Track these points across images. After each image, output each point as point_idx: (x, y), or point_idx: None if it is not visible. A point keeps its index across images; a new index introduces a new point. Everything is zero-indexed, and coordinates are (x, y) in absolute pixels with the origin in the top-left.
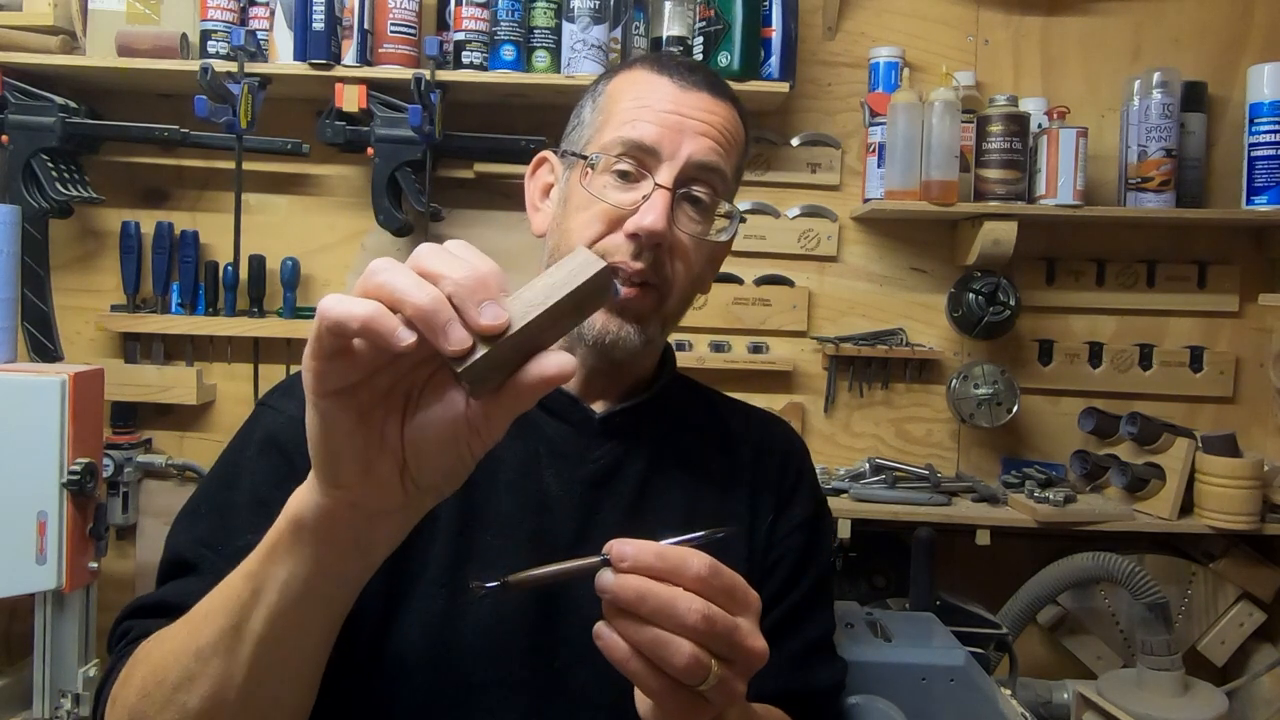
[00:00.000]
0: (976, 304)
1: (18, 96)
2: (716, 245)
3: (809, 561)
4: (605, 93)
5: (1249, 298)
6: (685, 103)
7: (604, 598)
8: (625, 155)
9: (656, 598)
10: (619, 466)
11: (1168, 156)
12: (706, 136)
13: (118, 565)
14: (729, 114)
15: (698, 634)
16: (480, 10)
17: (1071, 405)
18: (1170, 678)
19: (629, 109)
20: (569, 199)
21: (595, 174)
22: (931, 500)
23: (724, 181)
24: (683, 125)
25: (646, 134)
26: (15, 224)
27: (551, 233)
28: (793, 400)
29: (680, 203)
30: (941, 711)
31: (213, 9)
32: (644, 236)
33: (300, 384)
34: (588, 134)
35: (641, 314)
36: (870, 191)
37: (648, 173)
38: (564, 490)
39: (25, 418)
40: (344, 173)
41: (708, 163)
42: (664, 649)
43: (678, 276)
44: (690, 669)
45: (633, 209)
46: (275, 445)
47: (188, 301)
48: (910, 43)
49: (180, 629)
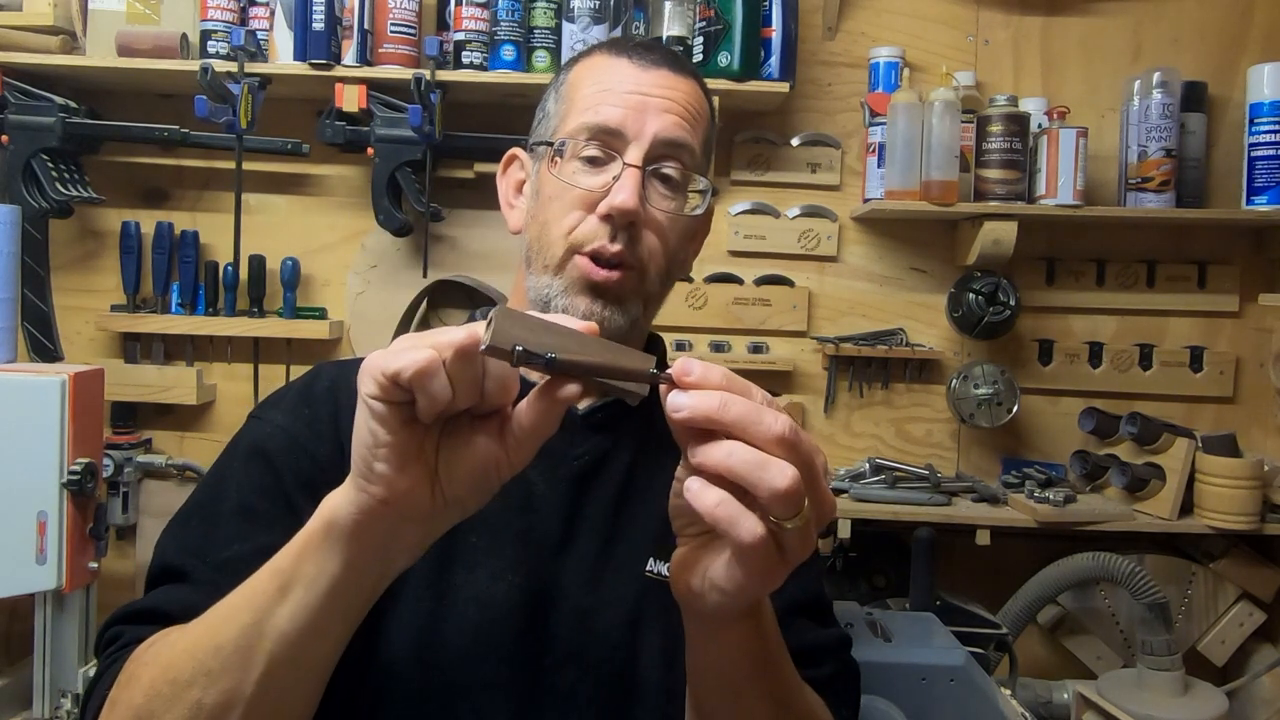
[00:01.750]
0: (976, 304)
1: (18, 96)
2: (693, 221)
3: None
4: (566, 82)
5: (1249, 298)
6: (646, 81)
7: (677, 416)
8: (592, 139)
9: (741, 404)
10: (604, 462)
11: (1168, 156)
12: (670, 113)
13: (118, 565)
14: (690, 88)
15: (786, 448)
16: (480, 10)
17: (1071, 405)
18: (1170, 678)
19: (591, 94)
20: (541, 190)
21: (564, 161)
22: (931, 500)
23: (692, 156)
24: (645, 104)
25: (611, 116)
26: (15, 224)
27: (528, 227)
28: (793, 400)
29: (651, 180)
30: (941, 711)
31: (213, 9)
32: (617, 216)
33: (288, 396)
34: (553, 124)
35: (622, 295)
36: (870, 191)
37: (616, 154)
38: (549, 488)
39: (25, 418)
40: (344, 173)
41: (674, 138)
42: (764, 469)
43: (655, 254)
44: (792, 492)
45: (604, 191)
46: (261, 454)
47: (188, 301)
48: (910, 43)
49: (195, 628)
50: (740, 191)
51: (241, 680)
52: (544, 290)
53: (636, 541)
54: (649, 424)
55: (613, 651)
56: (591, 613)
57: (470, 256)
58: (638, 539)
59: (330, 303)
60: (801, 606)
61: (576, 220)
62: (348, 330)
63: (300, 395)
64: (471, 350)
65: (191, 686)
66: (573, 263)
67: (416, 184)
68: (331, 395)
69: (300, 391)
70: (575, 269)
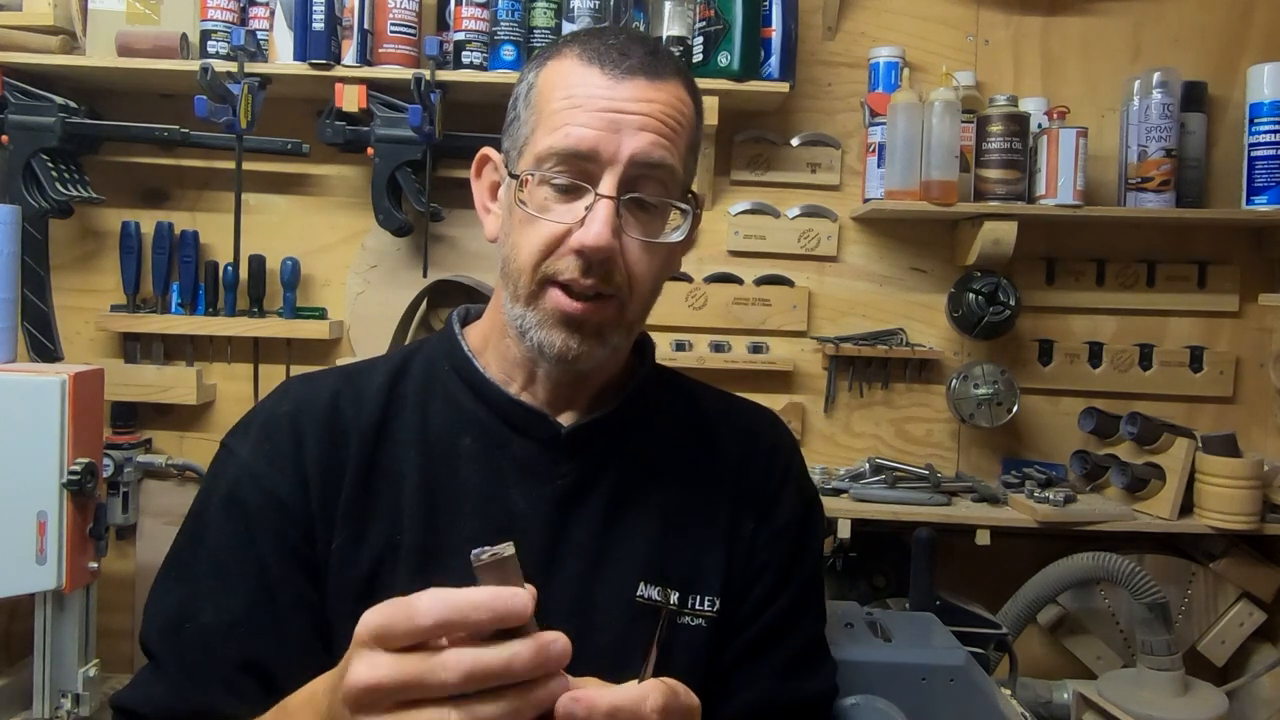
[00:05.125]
0: (976, 304)
1: (18, 96)
2: (674, 243)
3: (795, 567)
4: (536, 86)
5: (1249, 298)
6: (620, 95)
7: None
8: (560, 166)
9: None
10: (589, 483)
11: (1168, 156)
12: (647, 130)
13: (118, 565)
14: (670, 97)
15: None
16: (480, 10)
17: (1071, 405)
18: (1170, 678)
19: (560, 109)
20: (511, 212)
21: (533, 186)
22: (931, 500)
23: (672, 175)
24: (619, 123)
25: (582, 139)
26: (15, 224)
27: (502, 242)
28: (793, 400)
29: (627, 207)
30: (941, 711)
31: (213, 9)
32: (588, 253)
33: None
34: (524, 133)
35: (601, 327)
36: (870, 191)
37: (587, 184)
38: (532, 509)
39: (25, 418)
40: (344, 173)
41: (652, 159)
42: None
43: (635, 282)
44: None
45: (577, 223)
46: (236, 503)
47: (188, 301)
48: (910, 43)
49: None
50: (740, 191)
51: None
52: (518, 320)
53: (625, 564)
54: (639, 440)
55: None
56: (577, 639)
57: (470, 256)
58: (626, 562)
59: (330, 303)
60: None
61: (546, 251)
62: (347, 330)
63: (262, 426)
64: None
65: None
66: (546, 295)
67: (416, 184)
68: (293, 423)
69: (264, 421)
70: (549, 301)
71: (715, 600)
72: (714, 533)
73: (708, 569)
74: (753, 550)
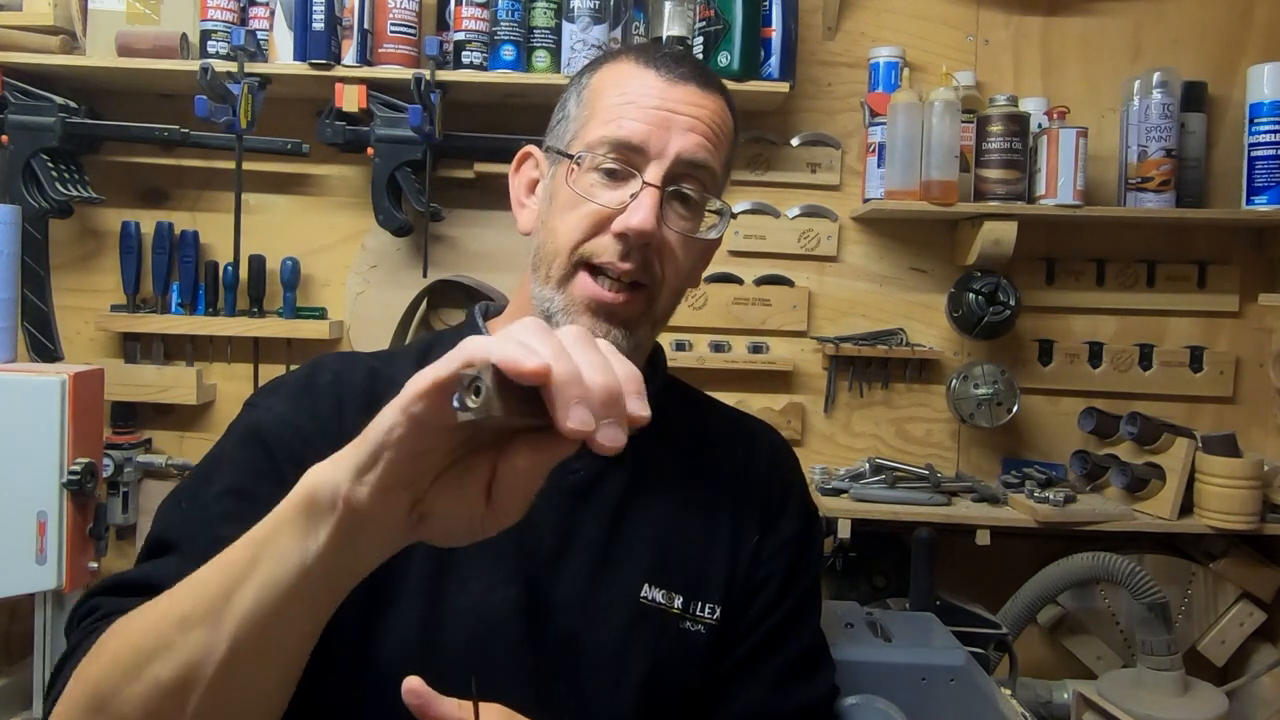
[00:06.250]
0: (976, 304)
1: (18, 96)
2: (707, 242)
3: (795, 579)
4: (590, 86)
5: (1249, 298)
6: (672, 96)
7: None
8: (612, 154)
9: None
10: (600, 479)
11: (1168, 156)
12: (695, 132)
13: (118, 565)
14: (717, 106)
15: None
16: (480, 10)
17: (1071, 405)
18: (1170, 678)
19: (614, 105)
20: (555, 197)
21: (581, 172)
22: (931, 500)
23: (713, 177)
24: (670, 121)
25: (634, 132)
26: (15, 224)
27: (537, 231)
28: (793, 400)
29: (669, 200)
30: (941, 711)
31: (213, 9)
32: (632, 236)
33: (289, 385)
34: (573, 129)
35: (630, 318)
36: (870, 191)
37: (635, 171)
38: (543, 499)
39: (25, 418)
40: (344, 173)
41: (697, 159)
42: None
43: (668, 276)
44: None
45: (620, 208)
46: (257, 437)
47: (188, 301)
48: (910, 43)
49: (164, 599)
50: (740, 191)
51: (201, 659)
52: (546, 303)
53: (631, 565)
54: (650, 443)
55: (596, 674)
56: (580, 634)
57: (470, 256)
58: (632, 563)
59: (330, 303)
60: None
61: (589, 233)
62: (348, 330)
63: (303, 386)
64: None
65: (151, 658)
66: (578, 279)
67: (416, 184)
68: (334, 391)
69: (302, 382)
70: (580, 287)
71: (717, 608)
72: (719, 541)
73: (711, 576)
74: (756, 562)
